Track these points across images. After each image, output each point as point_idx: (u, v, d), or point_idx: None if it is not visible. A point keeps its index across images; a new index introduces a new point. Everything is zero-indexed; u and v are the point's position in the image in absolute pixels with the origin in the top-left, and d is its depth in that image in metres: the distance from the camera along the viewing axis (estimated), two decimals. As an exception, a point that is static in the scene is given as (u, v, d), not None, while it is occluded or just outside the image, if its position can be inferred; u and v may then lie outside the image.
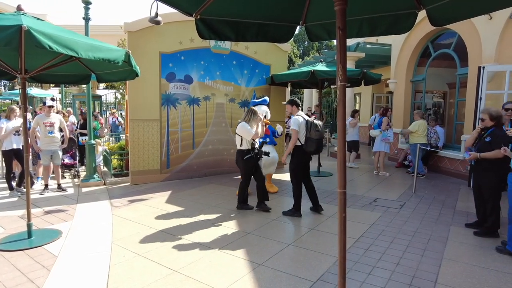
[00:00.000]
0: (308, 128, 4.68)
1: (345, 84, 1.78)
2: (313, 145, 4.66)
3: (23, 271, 3.23)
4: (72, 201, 5.70)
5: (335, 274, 3.16)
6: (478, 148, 4.11)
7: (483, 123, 4.15)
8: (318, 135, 4.66)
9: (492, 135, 4.02)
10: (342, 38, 1.78)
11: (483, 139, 4.09)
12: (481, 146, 4.09)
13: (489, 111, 4.13)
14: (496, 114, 4.09)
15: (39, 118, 6.07)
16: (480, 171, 4.13)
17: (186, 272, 3.21)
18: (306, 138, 4.71)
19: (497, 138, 3.97)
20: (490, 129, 4.08)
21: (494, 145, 3.94)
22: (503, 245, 3.71)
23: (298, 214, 4.86)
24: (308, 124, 4.71)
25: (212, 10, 2.54)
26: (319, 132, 4.66)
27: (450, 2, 2.29)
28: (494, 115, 4.10)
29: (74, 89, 19.40)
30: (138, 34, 6.73)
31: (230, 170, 8.06)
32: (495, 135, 4.02)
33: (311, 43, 32.93)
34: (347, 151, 8.88)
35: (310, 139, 4.67)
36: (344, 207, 1.85)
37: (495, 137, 3.99)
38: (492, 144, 3.98)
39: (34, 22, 3.26)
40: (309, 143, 4.67)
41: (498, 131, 4.06)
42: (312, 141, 4.65)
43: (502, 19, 6.47)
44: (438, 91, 10.40)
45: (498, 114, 4.11)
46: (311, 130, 4.64)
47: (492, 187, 4.04)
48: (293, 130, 4.78)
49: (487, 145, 4.01)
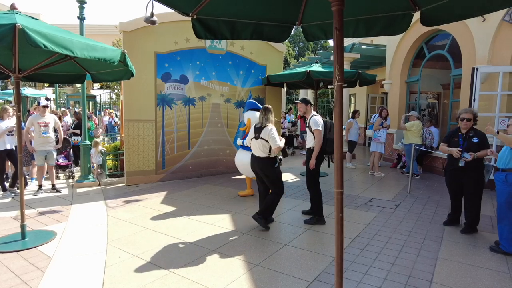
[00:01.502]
0: (328, 129, 4.56)
1: (342, 84, 1.78)
2: (332, 145, 4.48)
3: (17, 272, 3.19)
4: (67, 202, 5.65)
5: (331, 274, 3.17)
6: (467, 148, 4.14)
7: (468, 123, 4.17)
8: None
9: (479, 135, 4.13)
10: (339, 38, 1.78)
11: (470, 140, 4.14)
12: (470, 146, 4.13)
13: (473, 111, 4.22)
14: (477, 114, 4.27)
15: (34, 118, 6.00)
16: (468, 171, 4.15)
17: (182, 273, 3.20)
18: (325, 139, 4.54)
19: (484, 138, 4.12)
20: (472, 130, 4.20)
21: (482, 145, 4.09)
22: (496, 245, 3.75)
23: (323, 221, 4.59)
24: (327, 124, 4.59)
25: (209, 10, 2.54)
26: (330, 132, 4.53)
27: (445, 3, 2.31)
28: (477, 115, 4.24)
29: (68, 89, 19.25)
30: (134, 34, 6.70)
31: (225, 170, 8.05)
32: (481, 135, 4.14)
33: (307, 44, 33.05)
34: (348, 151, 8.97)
35: (329, 140, 4.54)
36: (341, 207, 1.85)
37: (483, 137, 4.13)
38: (480, 144, 4.09)
39: (28, 21, 3.23)
40: (329, 144, 4.54)
41: (479, 131, 4.20)
42: (332, 141, 4.49)
43: (495, 21, 6.55)
44: (433, 92, 10.48)
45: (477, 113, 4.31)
46: (331, 130, 4.53)
47: (479, 185, 4.17)
48: (318, 130, 4.50)
49: (475, 146, 4.10)
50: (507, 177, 3.64)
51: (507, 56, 6.47)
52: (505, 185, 3.65)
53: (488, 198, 5.89)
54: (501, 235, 3.69)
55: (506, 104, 6.57)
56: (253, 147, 4.44)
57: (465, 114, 4.20)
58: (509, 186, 3.62)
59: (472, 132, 4.19)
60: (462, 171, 4.20)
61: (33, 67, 3.97)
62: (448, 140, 4.41)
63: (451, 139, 4.37)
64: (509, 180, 3.61)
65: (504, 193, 3.66)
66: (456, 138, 4.29)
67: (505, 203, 3.65)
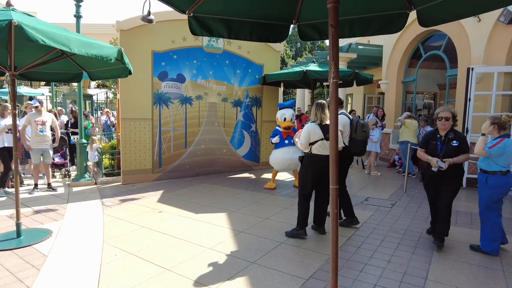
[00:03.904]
0: (354, 128, 4.30)
1: (337, 81, 1.80)
2: (358, 146, 4.30)
3: (12, 270, 3.18)
4: (63, 200, 5.63)
5: (327, 271, 3.18)
6: (445, 153, 3.63)
7: (447, 122, 3.63)
8: (364, 136, 4.28)
9: (458, 138, 3.62)
10: (335, 35, 1.80)
11: (450, 144, 3.63)
12: (449, 151, 3.63)
13: (451, 110, 3.71)
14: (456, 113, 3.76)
15: (31, 116, 5.96)
16: (446, 177, 3.66)
17: (178, 270, 3.20)
18: (350, 138, 4.33)
19: (464, 142, 3.65)
20: (451, 131, 3.68)
21: (462, 150, 3.60)
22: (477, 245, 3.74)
23: (356, 221, 4.47)
24: (353, 124, 4.33)
25: (205, 7, 2.54)
26: (365, 133, 4.29)
27: (440, 3, 2.33)
28: (456, 114, 3.74)
29: (64, 88, 19.16)
30: (130, 33, 6.68)
31: (222, 169, 8.06)
32: (460, 138, 3.65)
33: (304, 44, 33.11)
34: None
35: (355, 140, 4.30)
36: (336, 203, 1.86)
37: (463, 141, 3.64)
38: (460, 148, 3.60)
39: (24, 18, 3.22)
40: (354, 144, 4.31)
41: (460, 133, 3.73)
42: (358, 142, 4.28)
43: (490, 21, 6.60)
44: (429, 92, 10.55)
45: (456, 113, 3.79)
46: (357, 130, 4.26)
47: (455, 192, 3.72)
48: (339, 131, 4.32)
49: (454, 150, 3.60)
50: (487, 179, 3.59)
51: (501, 56, 6.52)
52: (485, 187, 3.62)
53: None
54: (482, 235, 3.70)
55: (501, 104, 6.63)
56: (322, 148, 3.97)
57: (442, 113, 3.67)
58: (489, 189, 3.57)
59: (452, 134, 3.65)
60: (439, 177, 3.70)
61: (29, 64, 3.96)
62: (426, 143, 3.88)
63: (429, 142, 3.84)
64: (489, 183, 3.56)
65: (485, 195, 3.63)
66: (434, 141, 3.78)
67: (485, 205, 3.63)
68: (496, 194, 3.55)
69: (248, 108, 8.36)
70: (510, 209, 5.36)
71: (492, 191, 3.55)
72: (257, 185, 6.83)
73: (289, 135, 6.31)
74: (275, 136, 6.36)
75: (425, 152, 3.82)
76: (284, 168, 6.43)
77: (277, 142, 6.28)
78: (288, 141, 6.29)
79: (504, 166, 3.49)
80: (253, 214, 4.93)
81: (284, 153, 6.26)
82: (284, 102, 6.75)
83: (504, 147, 3.45)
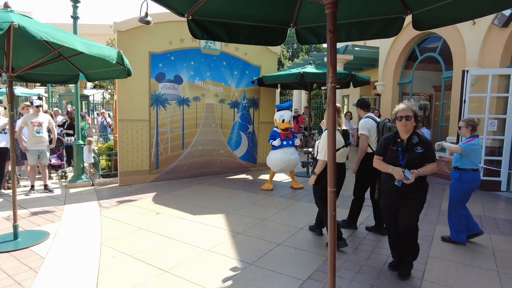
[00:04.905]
0: (380, 132, 4.05)
1: (335, 86, 1.82)
2: None
3: (9, 273, 3.17)
4: (60, 202, 5.61)
5: (324, 272, 3.21)
6: (408, 162, 2.95)
7: (408, 122, 2.95)
8: None
9: (423, 143, 2.97)
10: (333, 40, 1.82)
11: (413, 150, 2.96)
12: (413, 159, 2.94)
13: (412, 107, 3.02)
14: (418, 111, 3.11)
15: (27, 117, 5.94)
16: (409, 193, 2.98)
17: (176, 272, 3.21)
18: (378, 143, 4.02)
19: (430, 147, 3.00)
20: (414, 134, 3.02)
21: (427, 157, 2.96)
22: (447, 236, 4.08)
23: (354, 226, 4.43)
24: (379, 127, 4.10)
25: (204, 11, 2.56)
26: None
27: (435, 8, 2.37)
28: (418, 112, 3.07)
29: (60, 88, 19.05)
30: (128, 34, 6.68)
31: (219, 171, 8.07)
32: (426, 143, 2.99)
33: (300, 45, 33.18)
34: None
35: None
36: (334, 205, 1.89)
37: (428, 146, 2.99)
38: (425, 155, 2.96)
39: (24, 19, 3.21)
40: None
41: (424, 138, 3.05)
42: None
43: (485, 24, 6.68)
44: (425, 93, 10.63)
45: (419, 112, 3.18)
46: (384, 133, 3.96)
47: (419, 210, 3.07)
48: (363, 135, 4.19)
49: (419, 158, 2.94)
50: (461, 175, 3.92)
51: (496, 59, 6.60)
52: (459, 183, 3.95)
53: (478, 198, 6.01)
54: (451, 227, 4.04)
55: (495, 105, 6.70)
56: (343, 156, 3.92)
57: (402, 111, 2.98)
58: (462, 184, 3.92)
59: (416, 137, 2.98)
60: (400, 193, 3.01)
61: (27, 66, 3.95)
62: (384, 149, 3.12)
63: (387, 148, 3.09)
64: (463, 178, 3.91)
65: (457, 190, 3.97)
66: (394, 146, 3.05)
67: (457, 199, 3.97)
68: (468, 188, 3.95)
69: (245, 109, 8.38)
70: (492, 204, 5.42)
71: (465, 186, 3.94)
72: (254, 186, 6.85)
73: (287, 136, 6.37)
74: (273, 137, 6.40)
75: (383, 161, 3.13)
76: (282, 168, 6.46)
77: (278, 144, 6.29)
78: (286, 142, 6.35)
79: (475, 164, 3.93)
80: (250, 215, 4.95)
81: (282, 154, 6.32)
82: (282, 104, 6.78)
83: (477, 144, 3.91)
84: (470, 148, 3.86)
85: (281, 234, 4.21)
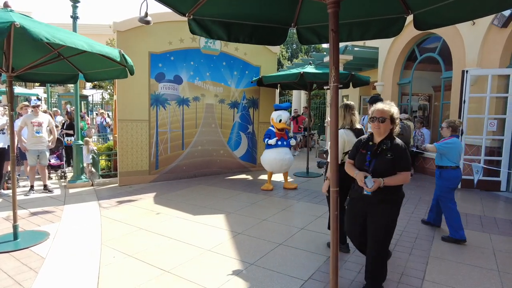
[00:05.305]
0: None
1: (338, 85, 1.82)
2: None
3: (10, 273, 3.16)
4: (59, 202, 5.60)
5: (325, 272, 3.21)
6: (375, 168, 2.62)
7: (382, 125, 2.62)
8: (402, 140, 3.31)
9: (395, 149, 2.61)
10: (335, 40, 1.82)
11: (382, 156, 2.62)
12: (380, 165, 2.60)
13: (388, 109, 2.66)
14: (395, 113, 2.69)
15: (27, 117, 5.93)
16: (375, 204, 2.64)
17: (177, 272, 3.20)
18: None
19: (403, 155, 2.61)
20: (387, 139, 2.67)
21: (398, 165, 2.60)
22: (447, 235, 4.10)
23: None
24: None
25: (205, 10, 2.56)
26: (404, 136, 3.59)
27: (436, 8, 2.37)
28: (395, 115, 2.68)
29: (59, 88, 19.02)
30: (128, 34, 6.67)
31: (219, 171, 8.07)
32: (398, 149, 2.62)
33: (300, 45, 33.21)
34: None
35: None
36: (337, 205, 1.89)
37: (401, 153, 2.61)
38: (395, 163, 2.59)
39: (24, 19, 3.21)
40: None
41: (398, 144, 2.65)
42: None
43: (485, 24, 6.69)
44: (424, 94, 10.65)
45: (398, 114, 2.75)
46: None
47: (389, 229, 2.72)
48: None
49: (388, 165, 2.59)
50: (441, 173, 4.13)
51: (495, 59, 6.61)
52: (439, 180, 4.16)
53: (477, 198, 6.02)
54: (448, 226, 4.09)
55: (495, 106, 6.71)
56: None
57: (377, 111, 2.65)
58: (442, 181, 4.11)
59: (388, 142, 2.64)
60: (368, 202, 2.68)
61: (26, 66, 3.94)
62: (355, 152, 2.82)
63: (358, 150, 2.79)
64: (444, 176, 4.11)
65: (439, 187, 4.16)
66: (364, 149, 2.74)
67: (439, 194, 4.16)
68: (448, 185, 4.09)
69: (245, 109, 8.38)
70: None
71: (445, 183, 4.09)
72: (254, 186, 6.85)
73: (282, 137, 6.37)
74: (268, 136, 6.39)
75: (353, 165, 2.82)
76: (276, 168, 6.42)
77: (273, 143, 6.31)
78: (281, 143, 6.35)
79: (454, 162, 4.07)
80: (250, 215, 4.95)
81: (276, 153, 6.30)
82: (281, 104, 6.77)
83: (452, 143, 4.07)
84: (445, 147, 4.06)
85: (282, 234, 4.20)
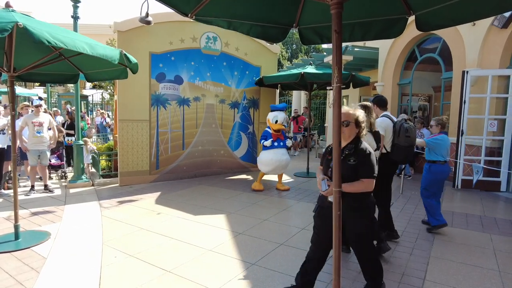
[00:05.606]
0: (396, 133, 3.75)
1: (341, 86, 1.83)
2: (400, 154, 3.73)
3: (11, 273, 3.17)
4: (60, 202, 5.60)
5: (326, 272, 3.20)
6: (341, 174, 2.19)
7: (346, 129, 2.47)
8: (408, 142, 3.68)
9: (358, 154, 2.45)
10: (338, 40, 1.83)
11: (345, 161, 2.43)
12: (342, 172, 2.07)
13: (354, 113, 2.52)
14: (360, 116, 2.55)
15: (28, 117, 5.93)
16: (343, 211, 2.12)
17: (179, 272, 3.21)
18: (392, 144, 3.80)
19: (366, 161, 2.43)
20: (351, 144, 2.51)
21: (361, 171, 2.42)
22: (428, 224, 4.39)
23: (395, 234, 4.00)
24: (396, 128, 3.78)
25: (207, 10, 2.56)
26: (409, 138, 3.67)
27: (438, 9, 2.38)
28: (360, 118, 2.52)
29: (59, 88, 19.02)
30: (128, 34, 6.67)
31: (220, 171, 8.07)
32: (361, 155, 2.45)
33: (300, 46, 33.22)
34: None
35: (397, 146, 3.73)
36: (339, 205, 1.89)
37: (363, 159, 2.44)
38: (357, 169, 2.43)
39: (27, 19, 3.21)
40: (396, 151, 3.75)
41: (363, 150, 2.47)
42: (400, 148, 3.71)
43: (485, 25, 6.71)
44: (424, 94, 10.66)
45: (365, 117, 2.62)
46: (400, 135, 3.70)
47: (364, 234, 2.56)
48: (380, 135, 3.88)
49: (350, 171, 2.42)
50: (430, 167, 4.34)
51: (495, 60, 6.63)
52: (427, 173, 4.36)
53: (478, 198, 6.03)
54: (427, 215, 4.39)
55: (495, 106, 6.73)
56: None
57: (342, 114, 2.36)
58: (431, 175, 4.32)
59: (352, 147, 2.48)
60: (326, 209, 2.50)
61: (28, 66, 3.94)
62: (322, 157, 2.72)
63: (324, 156, 2.68)
64: (432, 170, 4.31)
65: (425, 179, 4.37)
66: (330, 155, 2.53)
67: (424, 188, 4.38)
68: (436, 179, 4.30)
69: (246, 109, 8.39)
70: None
71: (433, 176, 4.31)
72: (255, 186, 6.85)
73: (278, 138, 6.36)
74: (265, 137, 6.38)
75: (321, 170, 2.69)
76: (273, 169, 6.38)
77: (269, 145, 6.28)
78: (277, 144, 6.34)
79: (442, 156, 4.27)
80: (251, 215, 4.95)
81: (273, 154, 6.29)
82: (277, 105, 6.77)
83: (441, 139, 4.28)
84: (433, 142, 4.29)
85: (283, 234, 4.21)
